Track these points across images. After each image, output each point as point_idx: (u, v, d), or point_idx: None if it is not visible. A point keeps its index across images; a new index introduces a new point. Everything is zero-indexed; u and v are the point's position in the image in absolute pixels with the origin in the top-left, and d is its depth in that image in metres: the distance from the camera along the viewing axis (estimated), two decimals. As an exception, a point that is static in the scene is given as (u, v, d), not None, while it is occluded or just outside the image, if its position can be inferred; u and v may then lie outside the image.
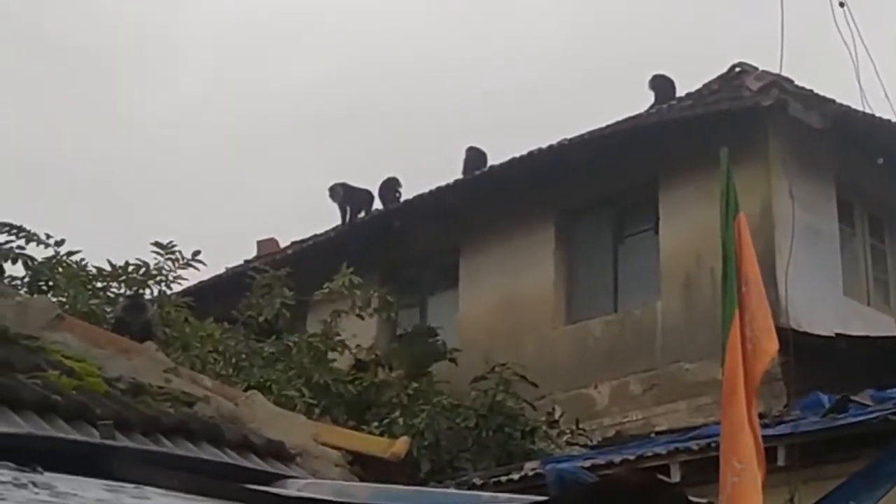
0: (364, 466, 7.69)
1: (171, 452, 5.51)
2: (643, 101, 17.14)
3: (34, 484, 2.62)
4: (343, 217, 18.58)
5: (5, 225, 13.69)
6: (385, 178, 18.85)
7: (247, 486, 3.05)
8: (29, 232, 13.80)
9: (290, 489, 3.36)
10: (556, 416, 15.01)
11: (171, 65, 40.41)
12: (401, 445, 8.19)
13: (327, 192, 18.78)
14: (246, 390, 9.56)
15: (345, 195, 18.59)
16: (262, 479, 3.64)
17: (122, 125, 38.34)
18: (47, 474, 2.75)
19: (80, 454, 3.85)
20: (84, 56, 38.52)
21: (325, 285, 15.07)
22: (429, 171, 18.71)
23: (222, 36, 40.64)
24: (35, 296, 12.05)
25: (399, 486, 4.40)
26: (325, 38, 39.82)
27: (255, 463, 6.78)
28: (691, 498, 2.27)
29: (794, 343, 10.32)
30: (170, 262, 14.15)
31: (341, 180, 18.82)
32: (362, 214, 18.52)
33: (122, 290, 13.98)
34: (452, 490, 7.17)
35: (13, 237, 13.72)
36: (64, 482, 2.72)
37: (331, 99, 37.99)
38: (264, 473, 4.09)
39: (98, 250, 18.70)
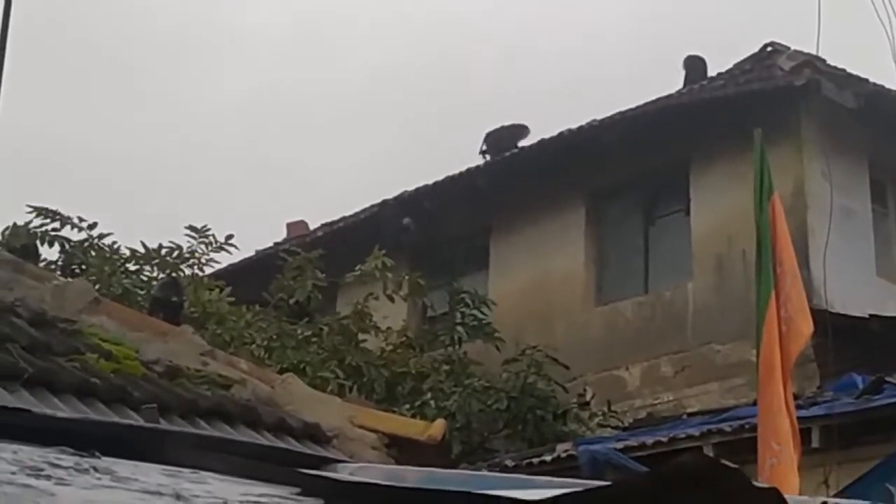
0: (400, 449, 7.70)
1: (227, 437, 5.55)
2: (675, 81, 17.09)
3: (95, 469, 2.64)
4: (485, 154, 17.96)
5: (41, 209, 13.83)
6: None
7: (302, 470, 3.06)
8: (63, 216, 13.92)
9: (342, 473, 3.37)
10: (588, 397, 15.01)
11: (222, 57, 40.54)
12: (437, 428, 8.20)
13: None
14: (280, 373, 9.59)
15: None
16: (312, 463, 3.66)
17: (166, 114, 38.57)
18: (105, 459, 2.77)
19: (119, 437, 3.86)
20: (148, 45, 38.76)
21: (356, 267, 15.06)
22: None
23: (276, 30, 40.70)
24: (71, 279, 12.10)
25: (448, 470, 4.43)
26: (382, 29, 39.89)
27: (291, 445, 6.81)
28: (755, 482, 2.27)
29: (828, 324, 10.27)
30: (203, 246, 14.23)
31: (380, 166, 18.65)
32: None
33: (155, 273, 14.06)
34: (503, 474, 7.16)
35: (48, 220, 13.87)
36: (123, 467, 2.74)
37: (386, 88, 38.08)
38: (315, 457, 4.10)
39: (141, 233, 18.85)
